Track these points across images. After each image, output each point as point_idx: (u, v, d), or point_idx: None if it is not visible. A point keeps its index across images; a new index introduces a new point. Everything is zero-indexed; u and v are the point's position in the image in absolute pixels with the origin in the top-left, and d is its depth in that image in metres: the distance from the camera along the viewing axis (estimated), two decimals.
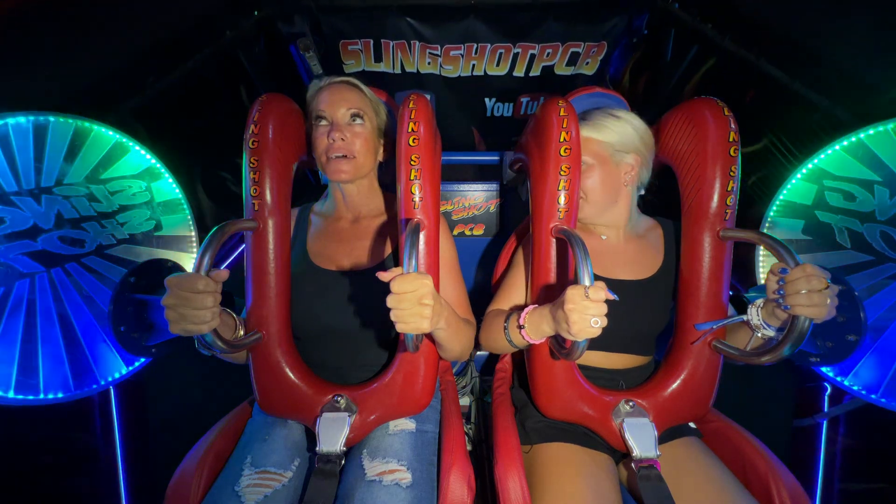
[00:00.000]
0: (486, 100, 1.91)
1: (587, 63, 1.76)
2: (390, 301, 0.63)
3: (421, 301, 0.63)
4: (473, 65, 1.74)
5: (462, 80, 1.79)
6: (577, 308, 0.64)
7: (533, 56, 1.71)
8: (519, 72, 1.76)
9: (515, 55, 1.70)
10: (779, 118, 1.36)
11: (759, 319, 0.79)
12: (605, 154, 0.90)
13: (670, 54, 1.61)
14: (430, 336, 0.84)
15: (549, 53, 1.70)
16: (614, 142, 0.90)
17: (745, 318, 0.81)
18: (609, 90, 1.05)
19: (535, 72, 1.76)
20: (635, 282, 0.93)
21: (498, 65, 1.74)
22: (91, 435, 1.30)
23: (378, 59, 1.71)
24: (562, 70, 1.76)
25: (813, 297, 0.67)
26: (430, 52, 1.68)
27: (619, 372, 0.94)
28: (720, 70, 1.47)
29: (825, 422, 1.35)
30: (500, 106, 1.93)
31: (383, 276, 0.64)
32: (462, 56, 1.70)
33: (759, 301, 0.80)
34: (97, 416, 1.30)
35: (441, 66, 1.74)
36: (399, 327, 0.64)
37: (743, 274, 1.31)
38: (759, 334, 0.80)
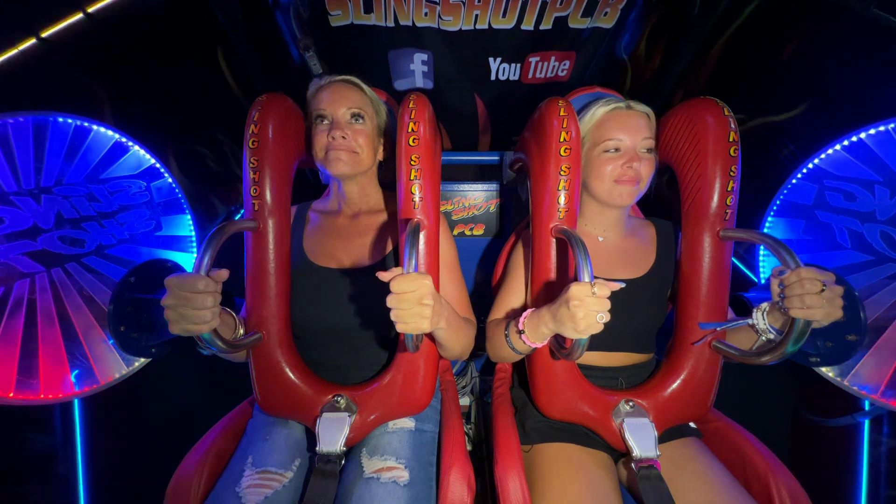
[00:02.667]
0: (491, 60, 1.65)
1: (605, 13, 1.53)
2: (390, 301, 0.63)
3: (421, 301, 0.63)
4: (476, 15, 1.51)
5: (464, 34, 1.55)
6: (584, 305, 0.64)
7: (545, 4, 1.50)
8: (528, 24, 1.53)
9: (524, 4, 1.49)
10: (840, 66, 1.15)
11: (765, 324, 0.79)
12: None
13: (698, 6, 1.40)
14: (430, 336, 0.84)
15: (562, 1, 1.49)
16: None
17: (750, 321, 0.80)
18: (609, 90, 1.05)
19: (547, 24, 1.53)
20: (631, 280, 0.93)
21: (504, 16, 1.52)
22: (49, 436, 1.16)
23: (368, 9, 1.51)
24: (576, 22, 1.54)
25: (806, 300, 0.67)
26: (427, 0, 1.48)
27: (618, 370, 0.94)
28: (761, 17, 1.27)
29: (867, 421, 1.24)
30: (507, 67, 1.67)
31: (383, 276, 0.64)
32: (464, 4, 1.49)
33: (765, 305, 0.80)
34: (57, 416, 1.16)
35: (440, 16, 1.51)
36: (399, 327, 0.64)
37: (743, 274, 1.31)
38: (765, 338, 0.80)
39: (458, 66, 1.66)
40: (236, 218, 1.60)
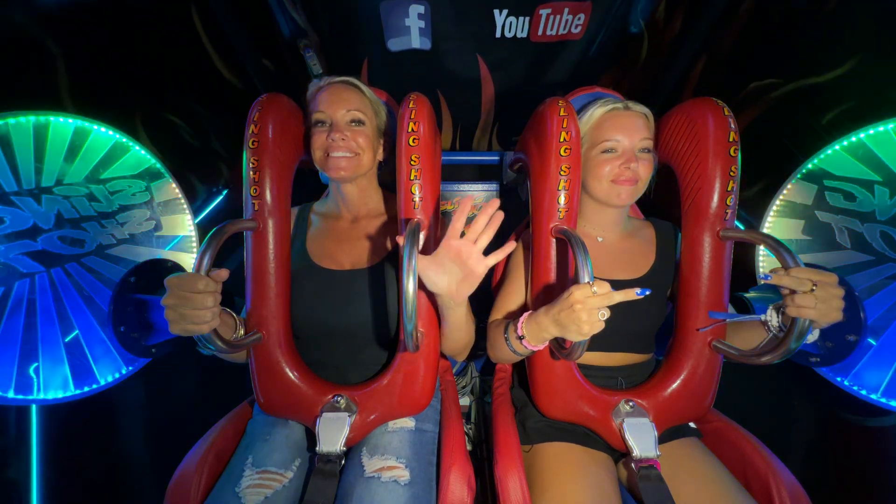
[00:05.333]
0: (496, 12, 1.43)
1: None
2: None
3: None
4: None
5: None
6: (587, 306, 0.64)
7: None
8: None
9: None
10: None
11: (778, 321, 0.78)
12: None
13: None
14: (431, 336, 0.84)
15: None
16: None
17: (763, 317, 0.80)
18: (609, 90, 1.05)
19: None
20: (631, 280, 0.93)
21: None
22: (3, 438, 1.05)
23: None
24: None
25: (796, 299, 0.68)
26: None
27: (618, 369, 0.94)
28: None
29: None
30: (514, 22, 1.43)
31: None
32: None
33: (780, 303, 0.80)
34: (12, 415, 1.07)
35: None
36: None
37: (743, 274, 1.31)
38: (773, 335, 0.79)
39: (459, 20, 1.43)
40: (216, 201, 1.50)
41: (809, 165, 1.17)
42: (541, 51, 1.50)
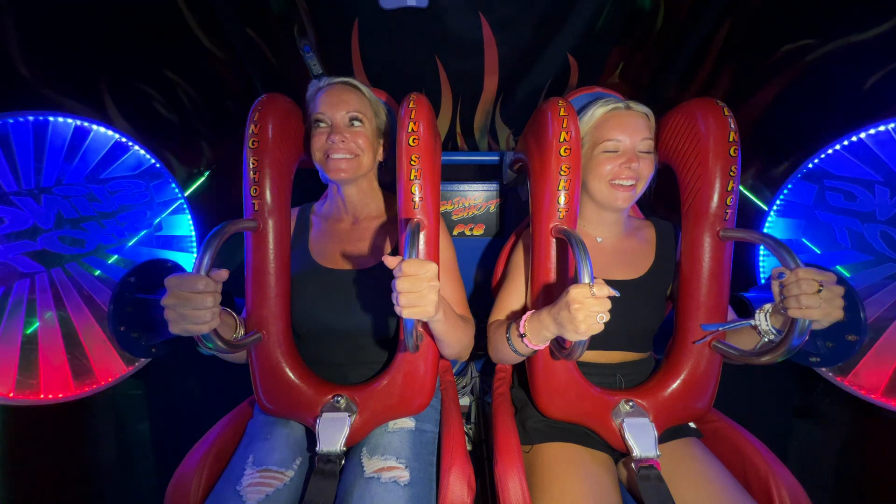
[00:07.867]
0: None
1: None
2: (400, 284, 0.62)
3: (430, 282, 0.62)
4: None
5: None
6: (584, 306, 0.64)
7: None
8: None
9: None
10: None
11: (767, 325, 0.79)
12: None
13: None
14: (430, 335, 0.84)
15: None
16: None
17: (752, 322, 0.80)
18: (610, 90, 1.05)
19: None
20: (630, 281, 0.93)
21: None
22: None
23: None
24: None
25: (802, 300, 0.67)
26: None
27: (616, 367, 0.94)
28: None
29: None
30: None
31: (388, 260, 0.64)
32: None
33: (767, 306, 0.80)
34: None
35: None
36: (406, 313, 0.63)
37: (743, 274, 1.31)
38: (767, 339, 0.80)
39: None
40: (198, 182, 1.39)
41: (809, 165, 1.17)
42: (550, 7, 1.30)
